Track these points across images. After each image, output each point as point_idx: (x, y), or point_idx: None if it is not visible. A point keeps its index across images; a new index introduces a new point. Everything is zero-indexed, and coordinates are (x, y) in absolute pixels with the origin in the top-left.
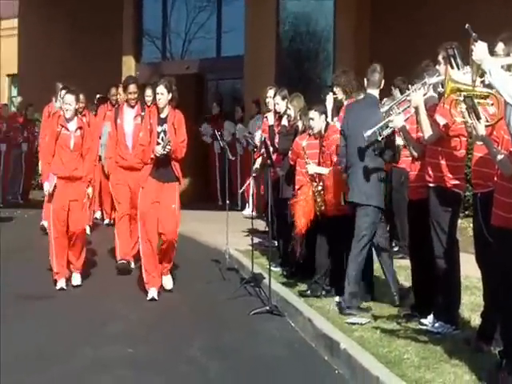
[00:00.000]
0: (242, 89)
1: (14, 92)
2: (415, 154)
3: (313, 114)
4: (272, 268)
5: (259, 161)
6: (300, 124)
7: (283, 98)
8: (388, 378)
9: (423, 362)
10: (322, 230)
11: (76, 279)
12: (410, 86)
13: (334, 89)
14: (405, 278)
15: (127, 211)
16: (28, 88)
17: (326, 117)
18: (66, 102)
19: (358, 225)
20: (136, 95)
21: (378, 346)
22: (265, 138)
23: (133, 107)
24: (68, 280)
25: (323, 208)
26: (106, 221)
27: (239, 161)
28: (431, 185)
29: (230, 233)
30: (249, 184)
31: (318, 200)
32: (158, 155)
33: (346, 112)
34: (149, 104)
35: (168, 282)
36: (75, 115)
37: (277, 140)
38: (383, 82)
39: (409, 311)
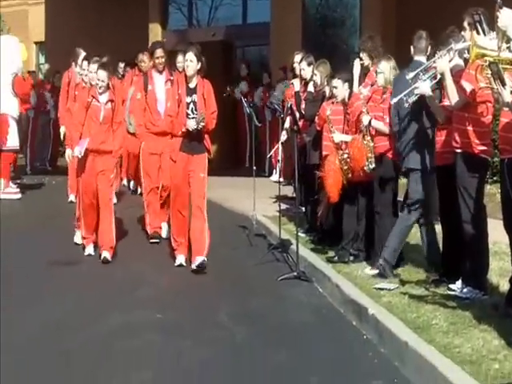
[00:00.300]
0: (269, 55)
1: (42, 59)
2: (439, 120)
3: (336, 82)
4: (299, 234)
5: (288, 122)
6: (327, 90)
7: (309, 64)
8: (416, 343)
9: (451, 327)
10: (349, 196)
11: (105, 254)
12: (435, 52)
13: (361, 54)
14: None
15: (155, 184)
16: (55, 55)
17: (350, 85)
18: (99, 78)
19: (411, 187)
20: (163, 59)
21: (406, 312)
22: (291, 105)
23: (161, 73)
24: (96, 246)
25: (349, 175)
26: (132, 183)
27: (268, 127)
28: (458, 151)
29: (258, 199)
30: (277, 150)
31: (345, 168)
32: (190, 130)
33: (395, 82)
34: (180, 70)
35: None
36: (107, 89)
37: (303, 106)
38: (429, 48)
39: (437, 277)
